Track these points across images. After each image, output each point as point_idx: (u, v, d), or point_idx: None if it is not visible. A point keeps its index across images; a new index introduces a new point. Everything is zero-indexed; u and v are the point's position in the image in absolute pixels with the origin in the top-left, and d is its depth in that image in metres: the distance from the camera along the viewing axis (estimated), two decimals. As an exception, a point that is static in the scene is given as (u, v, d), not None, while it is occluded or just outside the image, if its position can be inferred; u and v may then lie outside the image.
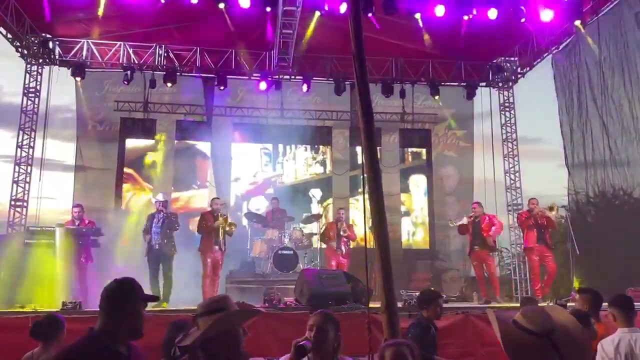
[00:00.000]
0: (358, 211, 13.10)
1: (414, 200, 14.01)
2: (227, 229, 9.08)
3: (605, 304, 4.10)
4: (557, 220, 9.55)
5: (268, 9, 9.97)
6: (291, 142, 13.66)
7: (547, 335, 1.52)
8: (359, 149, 12.68)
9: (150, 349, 2.79)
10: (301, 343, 2.87)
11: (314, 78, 12.54)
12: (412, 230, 13.93)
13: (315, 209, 13.36)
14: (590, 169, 11.25)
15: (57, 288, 7.39)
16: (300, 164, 13.86)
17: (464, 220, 9.66)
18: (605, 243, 9.88)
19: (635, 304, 6.76)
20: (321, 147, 13.93)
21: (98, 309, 2.45)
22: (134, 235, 9.33)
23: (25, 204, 11.47)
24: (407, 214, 13.94)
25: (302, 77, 12.41)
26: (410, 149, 14.14)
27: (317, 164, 13.85)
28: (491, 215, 9.68)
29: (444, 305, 5.28)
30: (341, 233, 9.90)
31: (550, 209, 9.20)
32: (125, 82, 11.85)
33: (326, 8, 9.96)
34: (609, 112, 10.54)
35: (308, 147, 13.91)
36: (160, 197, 8.97)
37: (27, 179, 11.59)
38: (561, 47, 11.75)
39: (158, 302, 2.57)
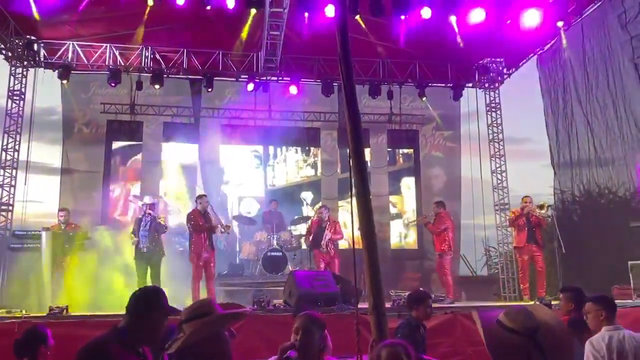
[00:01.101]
0: (348, 213, 13.10)
1: (406, 202, 14.05)
2: (223, 230, 9.05)
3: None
4: (546, 219, 9.63)
5: (254, 11, 9.96)
6: (279, 143, 13.65)
7: (531, 334, 1.54)
8: (347, 150, 12.68)
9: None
10: (286, 356, 2.88)
11: (302, 79, 12.54)
12: (404, 233, 13.95)
13: (306, 212, 13.34)
14: (575, 168, 11.37)
15: (44, 292, 7.32)
16: (291, 166, 13.85)
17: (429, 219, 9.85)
18: (591, 241, 9.99)
19: (622, 301, 6.87)
20: (312, 149, 13.94)
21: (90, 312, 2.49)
22: (121, 238, 9.27)
23: (10, 207, 11.34)
24: (399, 216, 13.97)
25: (289, 79, 12.41)
26: (401, 150, 14.21)
27: (308, 166, 13.84)
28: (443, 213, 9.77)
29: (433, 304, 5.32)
30: (324, 238, 9.45)
31: (540, 207, 9.25)
32: (112, 84, 11.78)
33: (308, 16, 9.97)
34: (594, 112, 10.66)
35: (299, 149, 13.91)
36: (147, 200, 8.88)
37: (13, 183, 11.46)
38: (546, 48, 11.87)
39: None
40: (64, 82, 11.82)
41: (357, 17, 9.97)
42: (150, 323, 2.51)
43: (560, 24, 10.37)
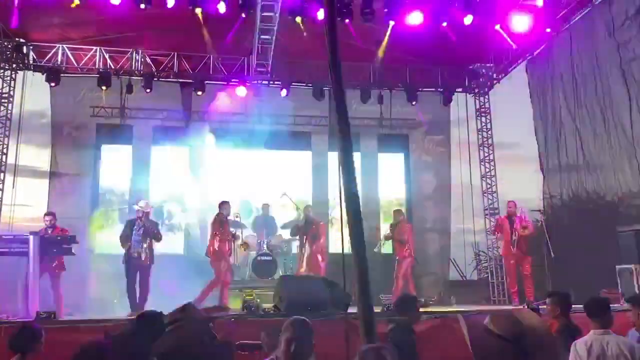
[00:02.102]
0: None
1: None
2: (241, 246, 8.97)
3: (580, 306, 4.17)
4: (535, 224, 9.72)
5: (243, 15, 9.96)
6: (270, 147, 13.59)
7: (517, 340, 1.54)
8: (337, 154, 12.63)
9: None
10: None
11: (293, 83, 12.55)
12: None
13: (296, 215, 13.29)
14: (564, 174, 11.44)
15: (31, 297, 7.24)
16: (282, 170, 13.75)
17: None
18: (580, 246, 10.04)
19: (610, 305, 6.88)
20: (302, 152, 13.89)
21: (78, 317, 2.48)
22: (110, 242, 9.20)
23: (-3, 211, 11.25)
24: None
25: (280, 83, 12.41)
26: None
27: (297, 169, 13.75)
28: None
29: (422, 308, 5.32)
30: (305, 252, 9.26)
31: (524, 228, 9.31)
32: (104, 88, 11.74)
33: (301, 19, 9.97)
34: (582, 118, 10.73)
35: (289, 153, 13.85)
36: (142, 204, 8.71)
37: (0, 186, 11.37)
38: (535, 53, 11.97)
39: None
40: (53, 84, 11.70)
41: (348, 21, 9.98)
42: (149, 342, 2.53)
43: (549, 29, 10.45)
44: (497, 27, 10.34)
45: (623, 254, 8.35)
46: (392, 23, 10.22)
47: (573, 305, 4.63)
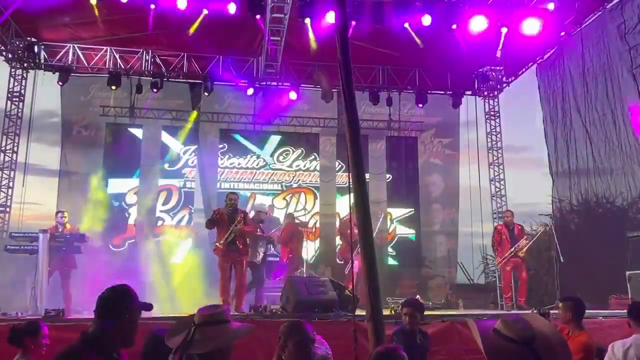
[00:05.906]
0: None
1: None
2: None
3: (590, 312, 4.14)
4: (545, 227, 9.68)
5: (258, 17, 9.97)
6: (278, 148, 13.62)
7: (528, 343, 1.54)
8: (346, 156, 12.60)
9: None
10: None
11: (302, 85, 12.56)
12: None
13: (305, 217, 13.29)
14: (574, 178, 11.36)
15: (40, 295, 7.29)
16: (289, 171, 13.76)
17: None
18: (589, 251, 9.97)
19: (618, 311, 6.84)
20: (310, 154, 13.89)
21: (86, 316, 2.45)
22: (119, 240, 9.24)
23: (7, 209, 11.33)
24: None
25: (289, 84, 12.42)
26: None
27: (306, 171, 13.75)
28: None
29: (430, 312, 5.29)
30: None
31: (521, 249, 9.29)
32: (114, 88, 11.81)
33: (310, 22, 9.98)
34: (593, 122, 10.66)
35: (297, 154, 13.85)
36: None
37: (10, 184, 11.46)
38: (545, 57, 11.91)
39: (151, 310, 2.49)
40: (59, 83, 11.74)
41: (358, 23, 9.97)
42: (122, 324, 2.42)
43: (562, 33, 10.39)
44: (504, 30, 10.27)
45: (633, 259, 8.28)
46: (406, 25, 10.16)
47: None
